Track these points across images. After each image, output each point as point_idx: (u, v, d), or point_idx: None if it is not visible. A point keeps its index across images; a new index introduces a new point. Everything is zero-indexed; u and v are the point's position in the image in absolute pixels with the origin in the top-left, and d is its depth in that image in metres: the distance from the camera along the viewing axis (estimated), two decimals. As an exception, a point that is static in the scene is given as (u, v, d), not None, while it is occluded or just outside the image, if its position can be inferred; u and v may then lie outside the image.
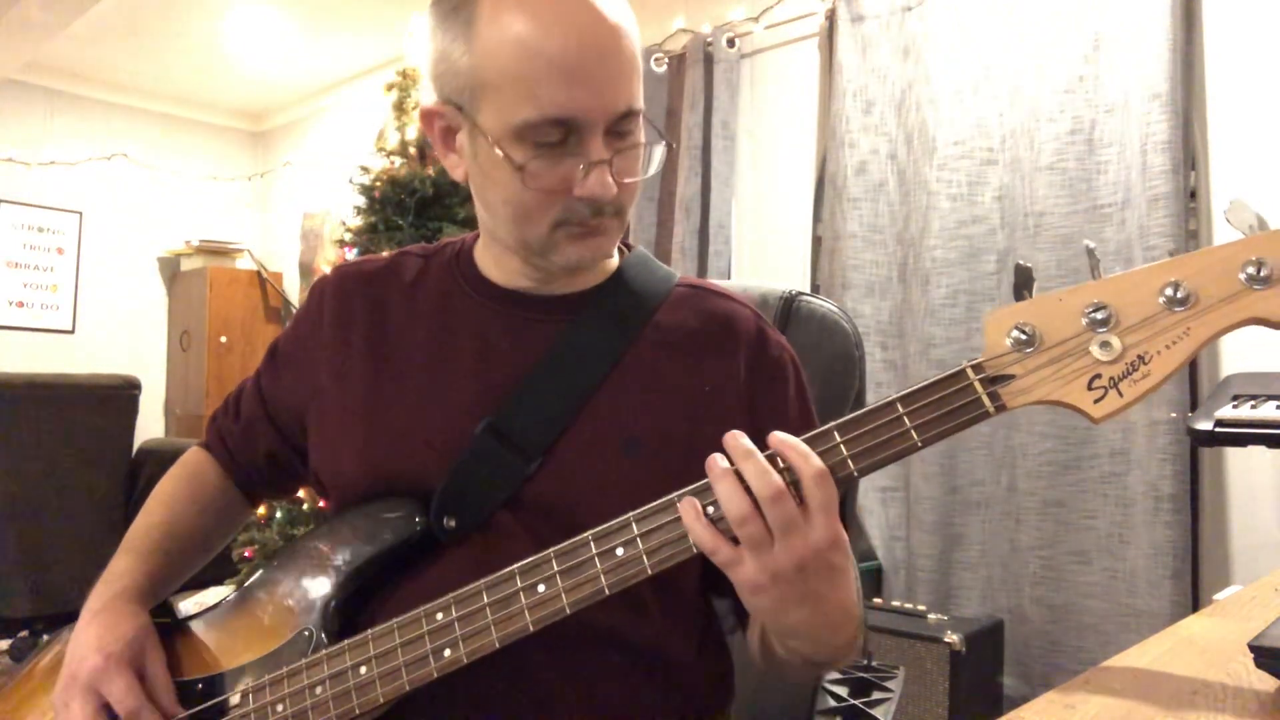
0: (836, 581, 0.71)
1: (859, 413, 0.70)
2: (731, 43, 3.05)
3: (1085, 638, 2.20)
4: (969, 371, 0.68)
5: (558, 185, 0.81)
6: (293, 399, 0.98)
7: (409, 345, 0.92)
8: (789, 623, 0.72)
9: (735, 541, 0.68)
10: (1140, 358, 0.64)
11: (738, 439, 0.69)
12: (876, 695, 1.16)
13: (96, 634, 0.86)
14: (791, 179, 3.00)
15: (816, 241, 2.91)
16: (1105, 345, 0.65)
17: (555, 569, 0.74)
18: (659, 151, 0.87)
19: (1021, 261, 0.70)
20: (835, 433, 0.70)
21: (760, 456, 0.68)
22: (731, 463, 0.69)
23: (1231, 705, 0.63)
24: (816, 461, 0.68)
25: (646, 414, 0.86)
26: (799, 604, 0.69)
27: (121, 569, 0.93)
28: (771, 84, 3.07)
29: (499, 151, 0.81)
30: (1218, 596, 0.99)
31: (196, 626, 0.92)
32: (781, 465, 0.68)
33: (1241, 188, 2.12)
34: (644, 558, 0.72)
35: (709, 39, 3.10)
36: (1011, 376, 0.67)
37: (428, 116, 0.89)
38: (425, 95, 0.89)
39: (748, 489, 0.67)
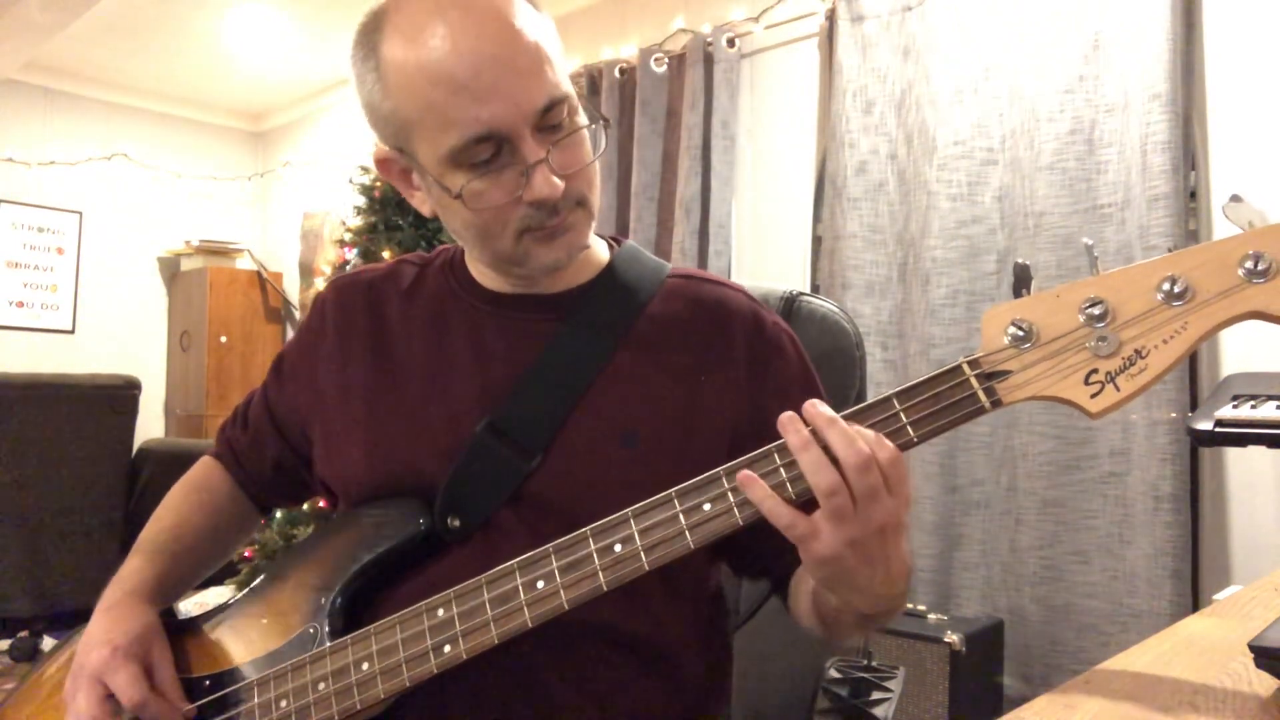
0: (902, 538, 0.71)
1: (855, 408, 0.70)
2: (731, 43, 3.05)
3: (1085, 638, 2.20)
4: (965, 367, 0.68)
5: (506, 198, 0.81)
6: (298, 409, 1.00)
7: (408, 350, 0.93)
8: (859, 582, 0.70)
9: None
10: (1137, 352, 0.64)
11: (817, 407, 0.67)
12: (876, 695, 1.16)
13: (105, 628, 0.88)
14: (791, 179, 3.00)
15: (816, 241, 2.91)
16: (1102, 340, 0.64)
17: (554, 565, 0.75)
18: (600, 129, 0.86)
19: (1020, 260, 0.70)
20: None
21: (844, 424, 0.66)
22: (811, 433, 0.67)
23: (1231, 706, 0.63)
24: (890, 446, 0.67)
25: (644, 405, 0.87)
26: (873, 564, 0.69)
27: (132, 569, 0.95)
28: (771, 84, 3.07)
29: (439, 184, 0.83)
30: (1218, 596, 0.99)
31: (205, 625, 0.93)
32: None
33: (1241, 188, 2.11)
34: (641, 554, 0.72)
35: (709, 39, 3.09)
36: (1008, 372, 0.67)
37: (381, 164, 0.90)
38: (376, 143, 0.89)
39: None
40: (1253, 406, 1.29)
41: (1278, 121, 2.07)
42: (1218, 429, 1.27)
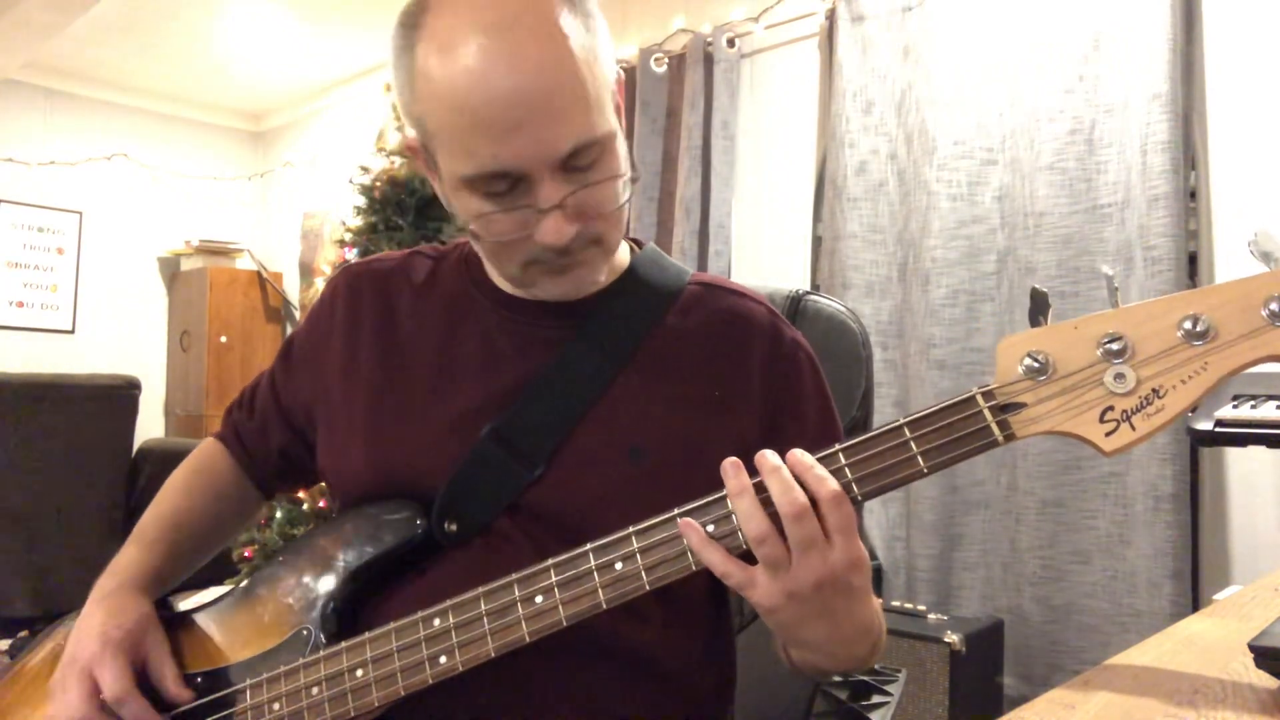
0: (854, 600, 0.70)
1: (866, 435, 0.69)
2: (731, 43, 3.05)
3: (1085, 638, 2.20)
4: (979, 399, 0.66)
5: (515, 231, 0.78)
6: (304, 396, 0.98)
7: (417, 347, 0.92)
8: (804, 637, 0.71)
9: (751, 562, 0.68)
10: (1155, 391, 0.62)
11: (766, 456, 0.68)
12: (875, 699, 1.16)
13: (99, 621, 0.86)
14: (791, 179, 3.00)
15: (816, 241, 2.91)
16: (1120, 377, 0.63)
17: (553, 580, 0.74)
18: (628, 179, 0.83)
19: (1038, 286, 0.68)
20: (841, 455, 0.69)
21: (786, 472, 0.66)
22: (755, 477, 0.68)
23: (1231, 705, 0.63)
24: (833, 484, 0.66)
25: (654, 420, 0.85)
26: (816, 620, 0.69)
27: (127, 559, 0.94)
28: (771, 84, 3.07)
29: (453, 201, 0.81)
30: (1218, 596, 0.99)
31: (198, 620, 0.92)
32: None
33: (1241, 188, 2.12)
34: (642, 574, 0.71)
35: (709, 39, 3.09)
36: (1022, 405, 0.65)
37: (410, 149, 0.88)
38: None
39: (766, 506, 0.66)
40: (1253, 406, 1.28)
41: (1278, 121, 2.07)
42: (1218, 429, 1.27)
